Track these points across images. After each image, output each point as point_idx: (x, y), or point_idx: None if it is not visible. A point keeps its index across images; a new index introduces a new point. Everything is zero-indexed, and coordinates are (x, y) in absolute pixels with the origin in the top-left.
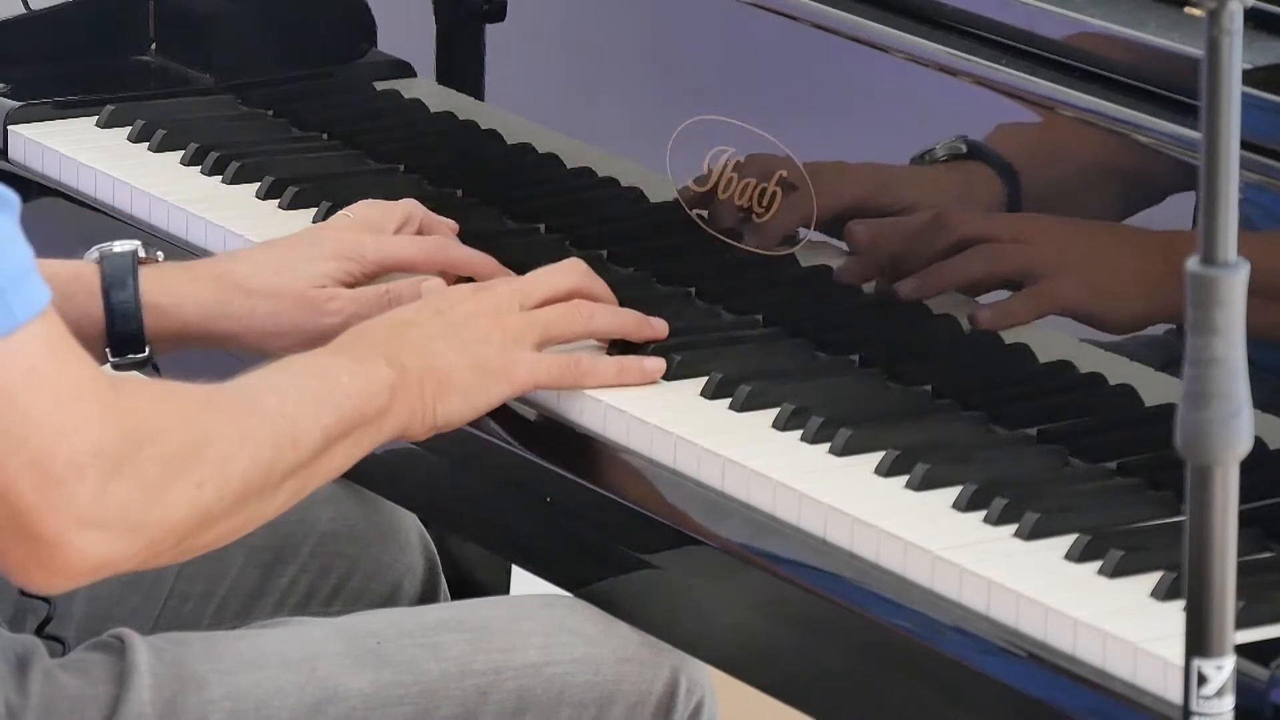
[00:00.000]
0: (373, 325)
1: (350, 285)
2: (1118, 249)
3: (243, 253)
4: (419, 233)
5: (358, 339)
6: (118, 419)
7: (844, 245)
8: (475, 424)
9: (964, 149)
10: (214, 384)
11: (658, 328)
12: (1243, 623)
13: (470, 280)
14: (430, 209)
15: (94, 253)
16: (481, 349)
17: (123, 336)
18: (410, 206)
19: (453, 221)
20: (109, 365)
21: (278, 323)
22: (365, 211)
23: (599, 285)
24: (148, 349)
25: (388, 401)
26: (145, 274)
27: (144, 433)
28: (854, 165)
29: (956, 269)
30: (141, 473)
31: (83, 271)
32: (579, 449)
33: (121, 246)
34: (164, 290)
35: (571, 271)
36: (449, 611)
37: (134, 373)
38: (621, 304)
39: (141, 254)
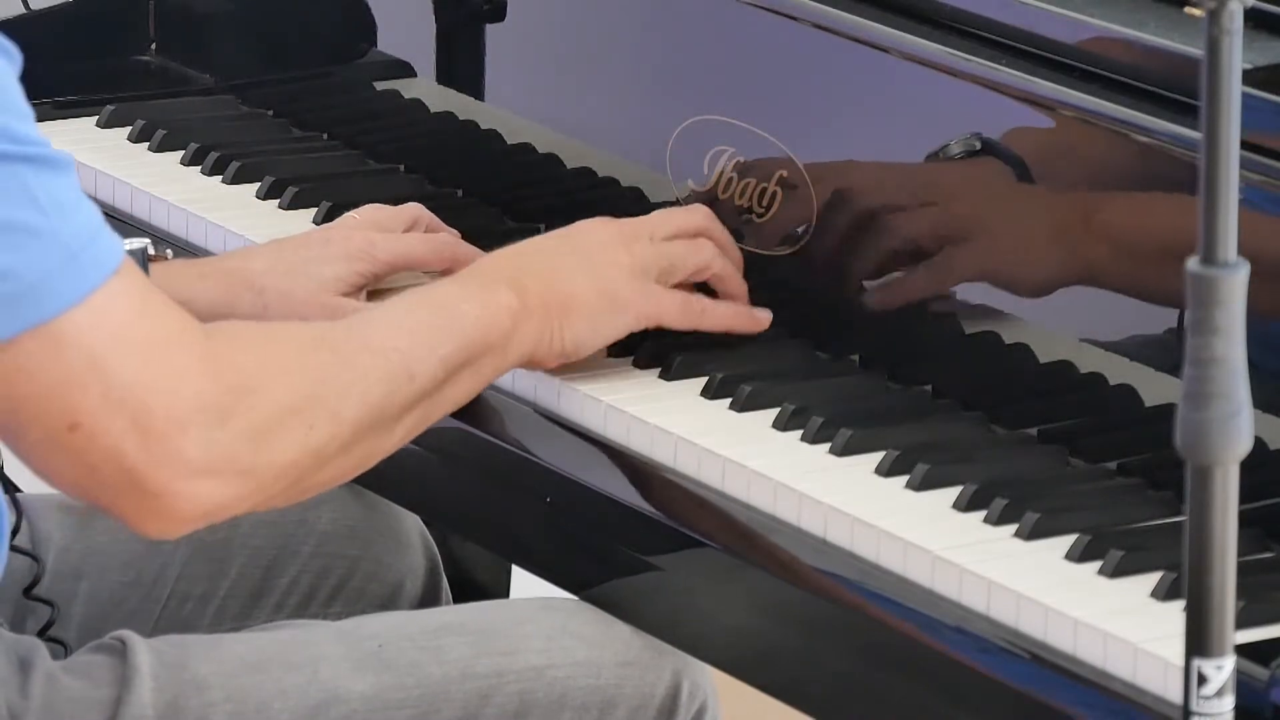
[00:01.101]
0: (499, 255)
1: (362, 285)
2: (1029, 212)
3: (254, 250)
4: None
5: (483, 267)
6: (215, 369)
7: (844, 245)
8: (475, 423)
9: (978, 145)
10: (326, 322)
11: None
12: (1243, 623)
13: None
14: (430, 209)
15: None
16: (609, 275)
17: None
18: (415, 210)
19: (453, 230)
20: None
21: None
22: (372, 214)
23: (723, 232)
24: None
25: (510, 327)
26: (155, 271)
27: (245, 381)
28: (854, 165)
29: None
30: (247, 420)
31: None
32: (580, 449)
33: (131, 244)
34: (174, 287)
35: (698, 213)
36: (450, 614)
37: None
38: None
39: (151, 251)
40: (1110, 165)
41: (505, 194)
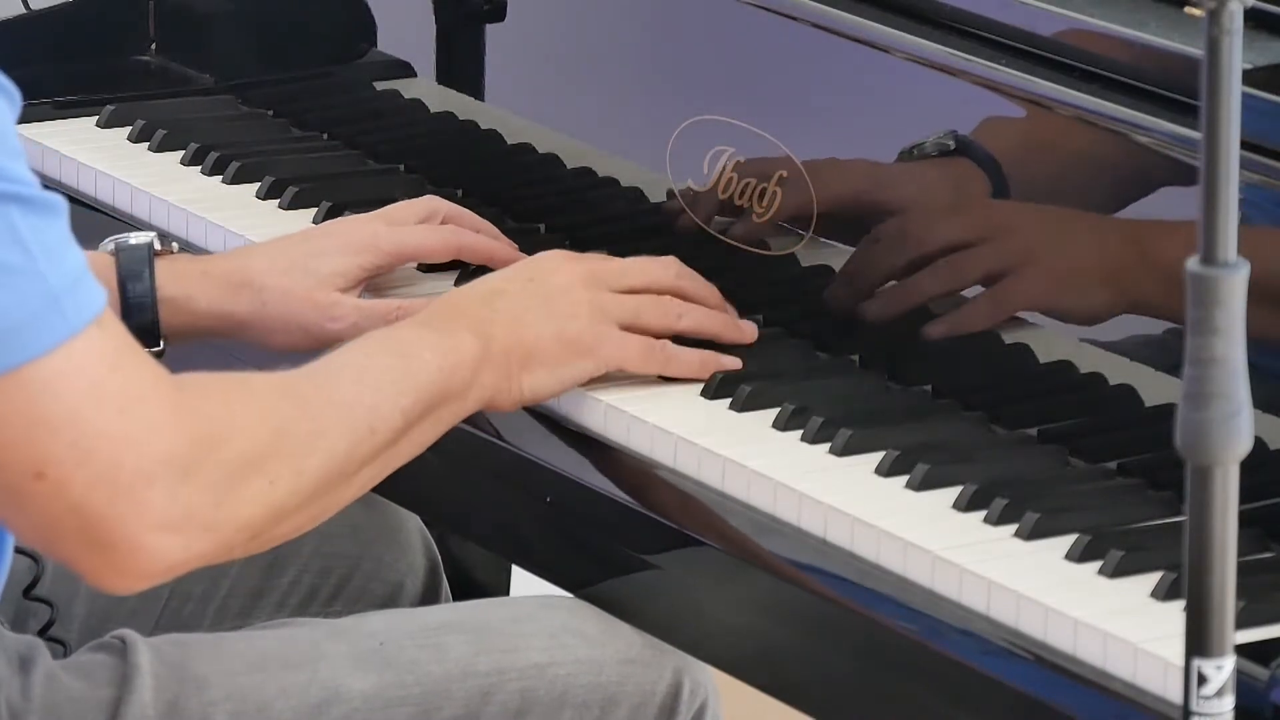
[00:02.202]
0: (462, 294)
1: (365, 279)
2: (1090, 239)
3: (257, 248)
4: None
5: (445, 310)
6: (186, 423)
7: (844, 245)
8: (475, 423)
9: (952, 145)
10: (292, 370)
11: (746, 331)
12: (1243, 623)
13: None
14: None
15: (109, 244)
16: (571, 323)
17: (138, 329)
18: (430, 204)
19: (475, 217)
20: None
21: (285, 321)
22: (386, 210)
23: (695, 285)
24: (162, 342)
25: (471, 375)
26: (160, 266)
27: (213, 435)
28: (854, 164)
29: (923, 282)
30: (212, 475)
31: (98, 262)
32: (580, 449)
33: (137, 239)
34: (178, 283)
35: (670, 268)
36: (451, 613)
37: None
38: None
39: (157, 246)
40: (1095, 158)
41: (505, 194)
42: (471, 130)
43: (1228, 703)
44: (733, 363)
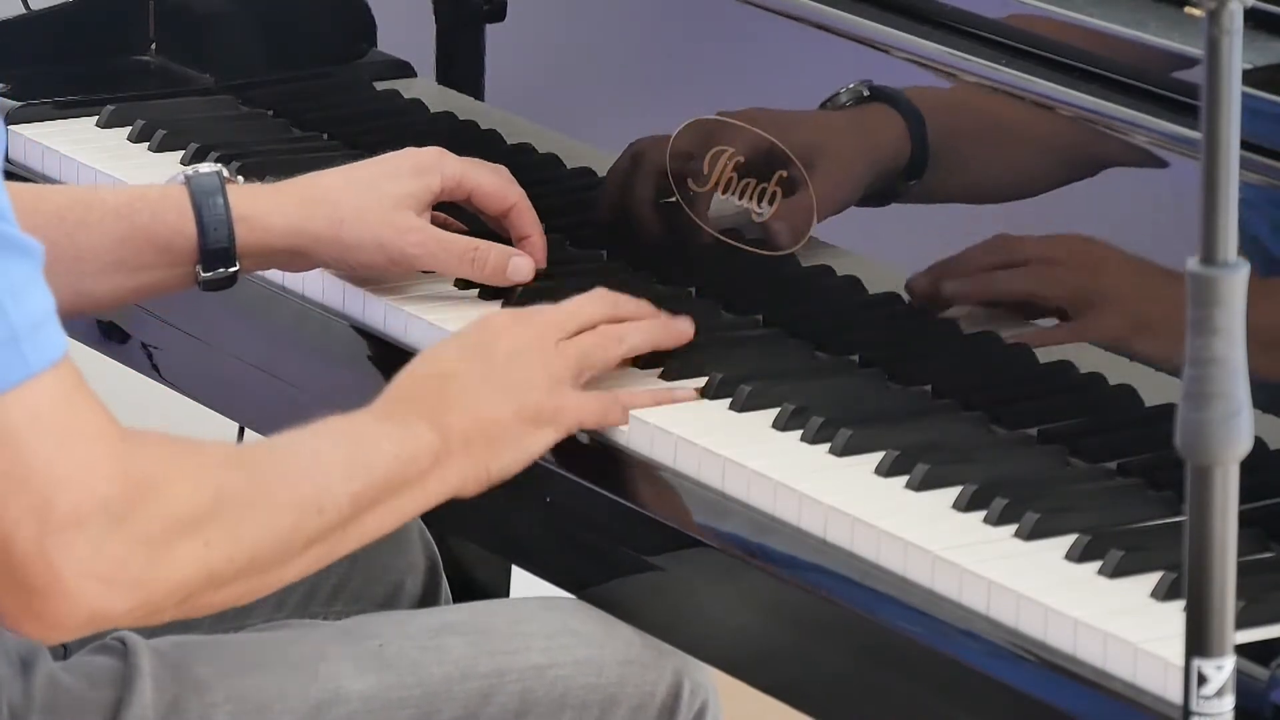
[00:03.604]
0: (416, 380)
1: (431, 201)
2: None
3: (329, 171)
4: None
5: (401, 399)
6: (125, 470)
7: (844, 246)
8: None
9: (866, 93)
10: (243, 444)
11: (683, 329)
12: (1243, 623)
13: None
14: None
15: (179, 175)
16: (528, 395)
17: (214, 251)
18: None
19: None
20: (201, 280)
21: (360, 239)
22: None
23: (628, 308)
24: (238, 263)
25: (429, 466)
26: (232, 190)
27: (152, 487)
28: (854, 164)
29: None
30: (145, 528)
31: (170, 191)
32: (579, 449)
33: (207, 168)
34: (252, 202)
35: (604, 301)
36: (451, 614)
37: (153, 430)
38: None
39: (225, 174)
40: (1016, 129)
41: None
42: (471, 130)
43: (1228, 703)
44: (687, 395)
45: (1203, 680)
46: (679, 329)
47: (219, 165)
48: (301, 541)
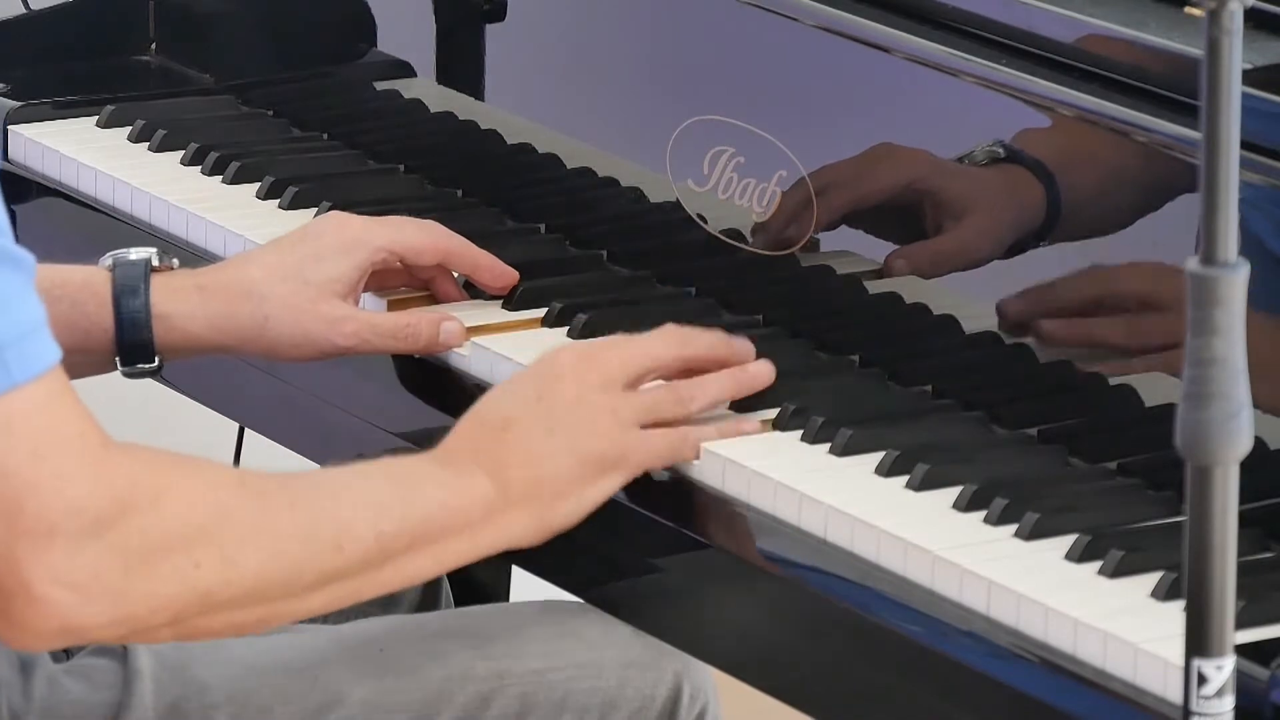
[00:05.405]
0: (478, 427)
1: (363, 279)
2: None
3: (250, 256)
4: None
5: (460, 447)
6: (106, 481)
7: (843, 245)
8: None
9: (1001, 153)
10: (267, 473)
11: (760, 374)
12: (1243, 623)
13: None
14: (430, 209)
15: (108, 259)
16: (591, 443)
17: (132, 345)
18: (435, 231)
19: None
20: (119, 374)
21: (289, 335)
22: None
23: (699, 344)
24: (157, 359)
25: (480, 517)
26: (156, 283)
27: (136, 500)
28: (854, 163)
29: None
30: (125, 540)
31: (94, 278)
32: None
33: (136, 254)
34: (174, 300)
35: (672, 342)
36: (451, 618)
37: (157, 446)
38: (621, 303)
39: (155, 262)
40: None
41: (505, 194)
42: (471, 130)
43: (1228, 703)
44: (753, 427)
45: (1203, 680)
46: (756, 375)
47: (151, 251)
48: (314, 576)
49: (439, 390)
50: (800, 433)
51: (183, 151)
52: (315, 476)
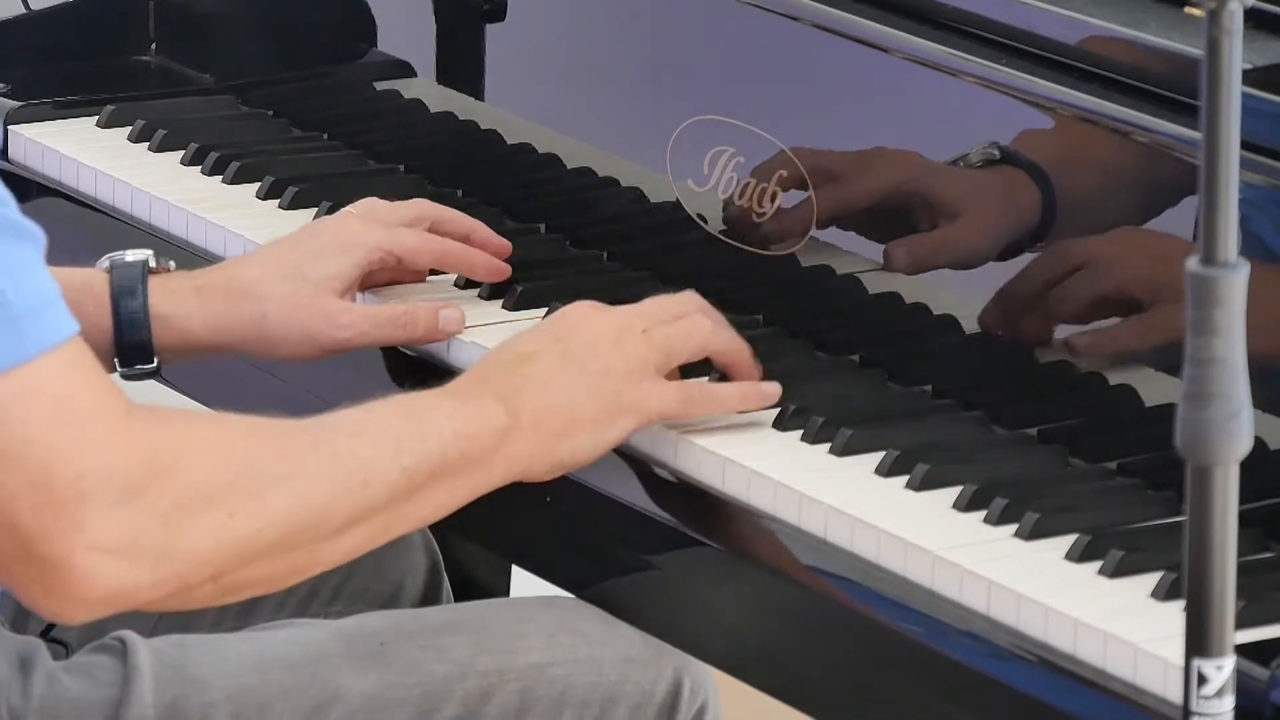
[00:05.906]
0: (489, 362)
1: (358, 278)
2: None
3: (247, 258)
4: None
5: (472, 377)
6: (130, 444)
7: (843, 246)
8: None
9: (997, 154)
10: (277, 418)
11: (769, 394)
12: (1243, 623)
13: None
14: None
15: (105, 261)
16: (606, 381)
17: (131, 347)
18: (418, 207)
19: (465, 218)
20: (118, 375)
21: (287, 332)
22: (369, 206)
23: (717, 315)
24: (156, 360)
25: (494, 445)
26: (154, 284)
27: (163, 460)
28: (854, 163)
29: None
30: (159, 500)
31: (92, 280)
32: None
33: (133, 256)
34: (171, 301)
35: (689, 300)
36: (452, 613)
37: (173, 405)
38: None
39: (153, 264)
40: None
41: (505, 194)
42: (471, 130)
43: (1228, 703)
44: (773, 389)
45: (1203, 680)
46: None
47: (147, 253)
48: (343, 516)
49: None
50: (800, 433)
51: (183, 151)
52: (333, 418)
